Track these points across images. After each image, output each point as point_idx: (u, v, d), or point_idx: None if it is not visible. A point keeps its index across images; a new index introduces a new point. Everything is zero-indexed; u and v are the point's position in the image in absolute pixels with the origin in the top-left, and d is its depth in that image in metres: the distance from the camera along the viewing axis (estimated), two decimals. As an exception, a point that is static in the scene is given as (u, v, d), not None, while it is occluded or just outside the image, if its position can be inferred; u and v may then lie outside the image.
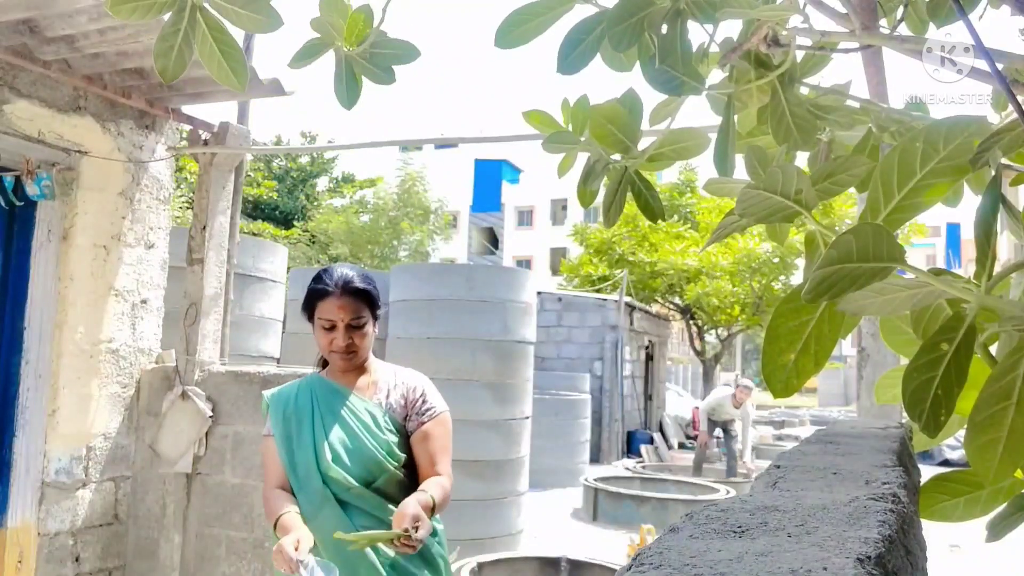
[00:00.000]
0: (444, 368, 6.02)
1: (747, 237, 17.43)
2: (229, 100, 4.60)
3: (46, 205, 3.88)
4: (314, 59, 1.19)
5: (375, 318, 2.15)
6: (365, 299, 2.11)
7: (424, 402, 2.16)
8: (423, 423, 2.13)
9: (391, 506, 2.01)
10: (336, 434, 2.06)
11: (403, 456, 2.10)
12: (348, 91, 1.22)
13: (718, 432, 10.81)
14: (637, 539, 6.20)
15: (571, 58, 1.14)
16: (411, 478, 2.11)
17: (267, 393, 2.22)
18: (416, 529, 1.80)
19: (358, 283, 2.10)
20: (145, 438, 4.30)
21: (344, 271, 2.13)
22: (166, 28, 0.99)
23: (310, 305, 2.11)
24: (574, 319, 14.13)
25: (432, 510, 1.96)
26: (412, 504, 1.88)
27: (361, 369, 2.18)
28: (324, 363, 2.23)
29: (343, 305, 2.07)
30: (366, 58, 1.20)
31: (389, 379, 2.19)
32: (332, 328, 2.08)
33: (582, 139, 1.28)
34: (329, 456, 2.03)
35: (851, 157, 0.95)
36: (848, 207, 15.45)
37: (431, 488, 1.99)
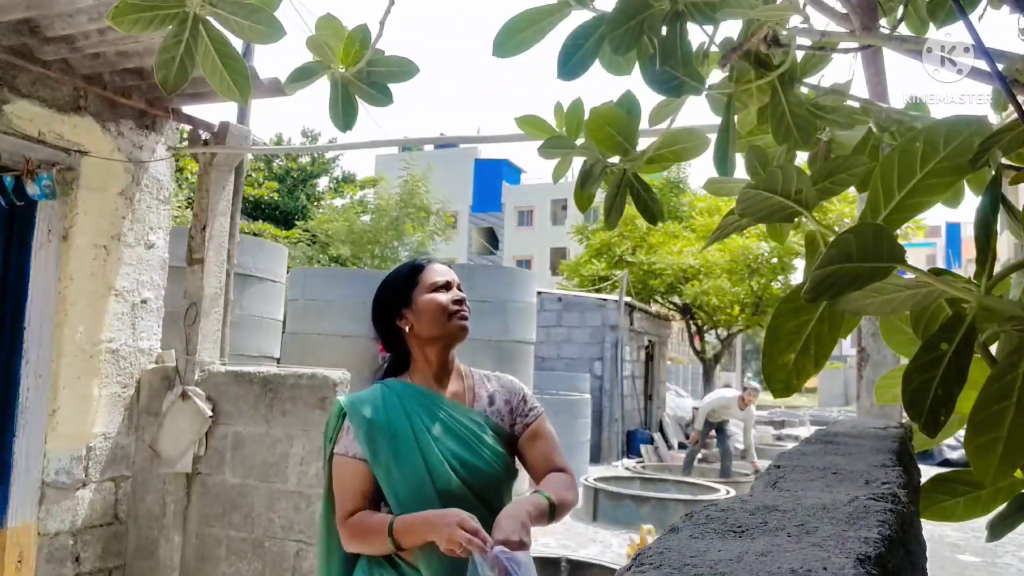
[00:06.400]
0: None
1: (743, 235, 17.44)
2: (229, 100, 4.60)
3: (46, 205, 3.88)
4: (309, 82, 1.18)
5: None
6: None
7: (526, 403, 1.96)
8: (528, 424, 1.92)
9: None
10: (449, 447, 1.76)
11: (515, 475, 1.88)
12: (344, 115, 1.21)
13: (713, 432, 10.86)
14: (637, 539, 6.20)
15: (570, 64, 1.14)
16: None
17: (344, 400, 1.84)
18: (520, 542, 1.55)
19: None
20: (145, 438, 4.30)
21: None
22: (167, 39, 0.98)
23: (411, 280, 1.86)
24: (574, 319, 14.13)
25: (552, 511, 1.70)
26: (516, 508, 1.63)
27: (450, 371, 1.91)
28: (389, 370, 1.96)
29: (448, 271, 1.89)
30: (362, 78, 1.19)
31: (486, 385, 1.96)
32: (448, 287, 1.86)
33: (577, 143, 1.28)
34: (451, 471, 1.73)
35: (851, 157, 0.95)
36: (844, 207, 15.46)
37: (548, 486, 1.76)
